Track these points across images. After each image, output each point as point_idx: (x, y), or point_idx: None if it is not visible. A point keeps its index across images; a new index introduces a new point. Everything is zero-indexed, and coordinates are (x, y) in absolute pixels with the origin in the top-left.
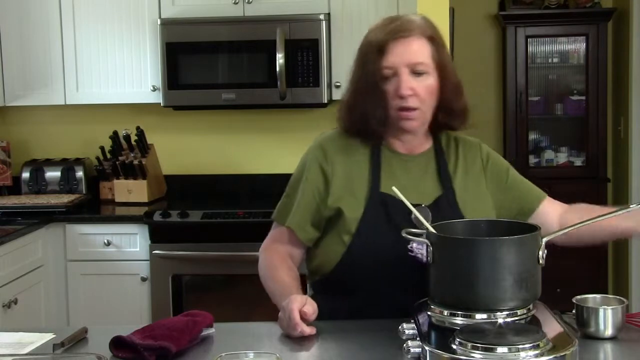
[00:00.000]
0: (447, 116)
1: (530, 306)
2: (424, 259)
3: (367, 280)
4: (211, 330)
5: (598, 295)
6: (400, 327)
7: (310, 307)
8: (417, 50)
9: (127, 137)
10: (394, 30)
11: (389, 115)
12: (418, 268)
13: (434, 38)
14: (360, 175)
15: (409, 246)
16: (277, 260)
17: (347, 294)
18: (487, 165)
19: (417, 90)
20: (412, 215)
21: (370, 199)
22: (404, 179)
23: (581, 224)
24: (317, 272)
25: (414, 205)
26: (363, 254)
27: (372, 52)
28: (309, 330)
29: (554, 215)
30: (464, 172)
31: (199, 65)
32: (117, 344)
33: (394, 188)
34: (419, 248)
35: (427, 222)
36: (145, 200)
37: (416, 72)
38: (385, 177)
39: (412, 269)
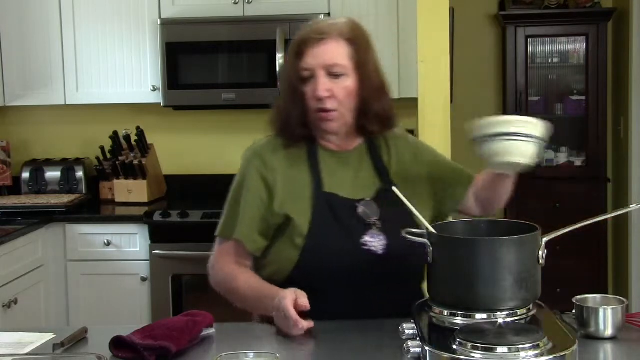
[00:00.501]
0: (364, 118)
1: (530, 306)
2: (378, 251)
3: (326, 280)
4: (211, 330)
5: (598, 295)
6: (400, 327)
7: (304, 297)
8: (334, 52)
9: (127, 137)
10: (311, 32)
11: (309, 117)
12: (374, 260)
13: (353, 40)
14: (301, 177)
15: (362, 240)
16: (235, 270)
17: (308, 297)
18: (417, 154)
19: (335, 92)
20: (359, 209)
21: (315, 199)
22: (343, 176)
23: (581, 224)
24: (270, 281)
25: (358, 200)
26: (318, 255)
27: (292, 54)
28: (307, 324)
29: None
30: (397, 162)
31: (199, 65)
32: (117, 344)
33: (394, 188)
34: (372, 241)
35: (375, 215)
36: (145, 200)
37: (333, 74)
38: (325, 176)
39: (368, 263)
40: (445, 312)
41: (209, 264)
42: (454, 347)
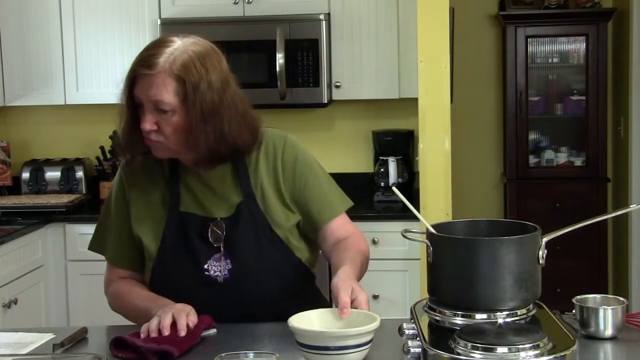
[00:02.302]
0: (214, 146)
1: (530, 306)
2: (220, 277)
3: (176, 302)
4: (212, 331)
5: (598, 295)
6: (400, 327)
7: (181, 320)
8: (160, 89)
9: None
10: (141, 63)
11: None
12: (213, 287)
13: (181, 76)
14: (158, 197)
15: (205, 266)
16: (129, 285)
17: None
18: (288, 166)
19: (161, 127)
20: (208, 232)
21: (169, 221)
22: (203, 195)
23: (581, 224)
24: None
25: (211, 220)
26: (165, 278)
27: (127, 79)
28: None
29: (330, 240)
30: (264, 174)
31: None
32: (118, 344)
33: (394, 188)
34: (215, 265)
35: (222, 236)
36: None
37: (159, 110)
38: (184, 195)
39: (208, 289)
40: (445, 312)
41: (104, 286)
42: (454, 347)
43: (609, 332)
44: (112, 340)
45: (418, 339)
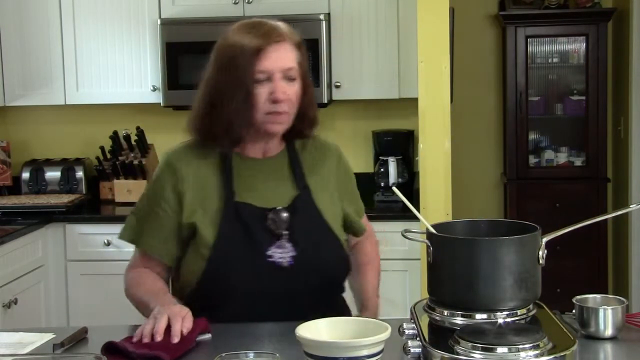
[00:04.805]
0: (301, 123)
1: (530, 306)
2: (284, 263)
3: (231, 292)
4: (207, 336)
5: (598, 295)
6: (400, 327)
7: (176, 324)
8: (289, 56)
9: (127, 137)
10: (268, 34)
11: (255, 119)
12: (278, 273)
13: (300, 45)
14: (213, 187)
15: (267, 252)
16: (142, 276)
17: (214, 309)
18: (337, 170)
19: (289, 95)
20: (268, 219)
21: (225, 210)
22: (257, 185)
23: (581, 224)
24: (183, 290)
25: (270, 210)
26: (224, 266)
27: (244, 56)
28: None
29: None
30: (317, 171)
31: (199, 65)
32: (110, 349)
33: (394, 188)
34: (278, 252)
35: (285, 224)
36: None
37: (288, 78)
38: (238, 185)
39: (271, 276)
40: (445, 312)
41: (125, 270)
42: (454, 347)
43: (609, 332)
44: (104, 345)
45: (418, 339)
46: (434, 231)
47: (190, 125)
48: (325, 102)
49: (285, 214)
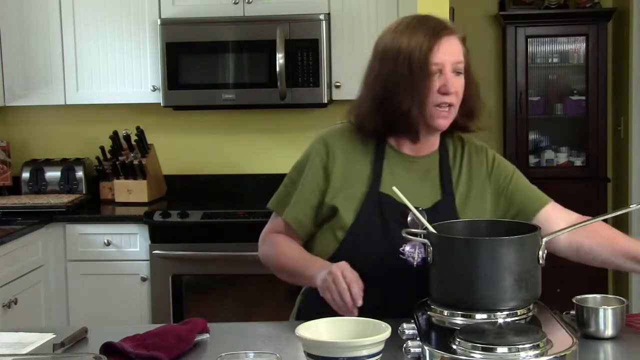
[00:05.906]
0: (465, 117)
1: (530, 306)
2: (415, 263)
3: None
4: (205, 336)
5: (598, 295)
6: (400, 327)
7: (358, 289)
8: (459, 50)
9: (127, 137)
10: (438, 28)
11: (425, 112)
12: (407, 271)
13: (465, 40)
14: (361, 173)
15: (400, 249)
16: (283, 241)
17: None
18: (492, 171)
19: (457, 88)
20: (409, 218)
21: (368, 197)
22: (404, 181)
23: (581, 224)
24: None
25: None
26: (355, 252)
27: (421, 50)
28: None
29: (555, 224)
30: (467, 178)
31: (199, 65)
32: (108, 350)
33: (394, 188)
34: (411, 252)
35: (423, 225)
36: (145, 200)
37: (456, 71)
38: (386, 177)
39: (400, 272)
40: (445, 312)
41: (260, 237)
42: (454, 347)
43: (609, 332)
44: (102, 346)
45: (418, 339)
46: (434, 231)
47: (356, 113)
48: (325, 102)
49: (424, 215)
